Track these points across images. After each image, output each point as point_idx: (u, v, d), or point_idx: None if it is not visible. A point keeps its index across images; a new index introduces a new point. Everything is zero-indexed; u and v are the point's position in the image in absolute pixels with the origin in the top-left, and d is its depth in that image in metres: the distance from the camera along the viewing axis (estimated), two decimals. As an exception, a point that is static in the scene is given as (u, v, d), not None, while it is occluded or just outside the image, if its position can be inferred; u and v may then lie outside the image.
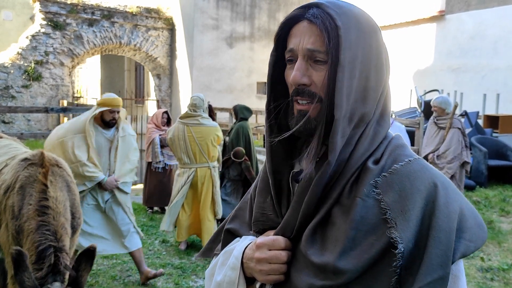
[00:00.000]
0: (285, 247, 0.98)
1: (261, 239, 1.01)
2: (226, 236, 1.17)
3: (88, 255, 2.42)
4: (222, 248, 1.15)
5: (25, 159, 2.80)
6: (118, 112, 4.16)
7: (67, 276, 2.41)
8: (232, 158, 5.91)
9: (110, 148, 4.20)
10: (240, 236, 1.13)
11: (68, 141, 3.93)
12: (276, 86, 1.06)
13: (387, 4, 14.83)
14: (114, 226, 4.20)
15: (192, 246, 5.37)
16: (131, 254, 4.36)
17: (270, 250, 0.98)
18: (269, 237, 1.00)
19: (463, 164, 5.96)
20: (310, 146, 0.96)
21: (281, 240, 0.98)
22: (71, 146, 3.92)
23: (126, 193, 4.28)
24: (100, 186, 4.10)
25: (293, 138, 1.05)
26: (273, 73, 1.05)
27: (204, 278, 4.59)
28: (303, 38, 0.96)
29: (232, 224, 1.18)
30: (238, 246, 1.07)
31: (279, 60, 1.05)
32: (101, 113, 4.12)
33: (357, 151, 0.95)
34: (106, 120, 4.13)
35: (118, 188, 4.19)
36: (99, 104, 4.13)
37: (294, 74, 0.96)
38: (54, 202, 2.59)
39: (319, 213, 0.94)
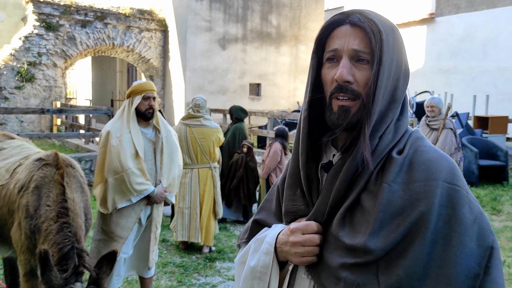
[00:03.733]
0: (317, 230, 1.07)
1: (295, 224, 1.10)
2: (254, 226, 1.28)
3: (109, 258, 2.45)
4: (250, 237, 1.26)
5: (40, 159, 2.84)
6: (154, 98, 3.46)
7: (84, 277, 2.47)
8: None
9: (154, 151, 3.52)
10: (268, 226, 1.22)
11: (112, 146, 3.29)
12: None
13: (378, 6, 15.02)
14: (138, 248, 3.63)
15: (192, 246, 5.43)
16: (141, 279, 3.79)
17: (303, 234, 1.07)
18: (302, 222, 1.10)
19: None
20: (361, 138, 1.04)
21: (313, 224, 1.08)
22: (116, 152, 3.28)
23: (166, 205, 3.72)
24: (148, 199, 3.45)
25: (318, 134, 1.15)
26: (312, 74, 1.13)
27: (206, 276, 4.72)
28: (347, 40, 1.06)
29: (259, 215, 1.28)
30: (270, 233, 1.17)
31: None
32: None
33: (381, 143, 1.05)
34: (141, 111, 3.42)
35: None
36: (131, 93, 3.44)
37: (341, 71, 1.04)
38: (72, 204, 2.64)
39: (348, 199, 1.04)
